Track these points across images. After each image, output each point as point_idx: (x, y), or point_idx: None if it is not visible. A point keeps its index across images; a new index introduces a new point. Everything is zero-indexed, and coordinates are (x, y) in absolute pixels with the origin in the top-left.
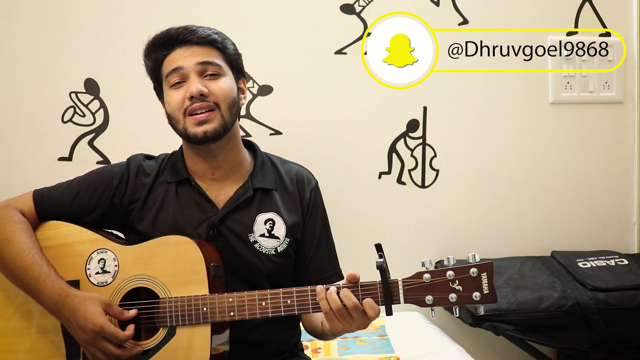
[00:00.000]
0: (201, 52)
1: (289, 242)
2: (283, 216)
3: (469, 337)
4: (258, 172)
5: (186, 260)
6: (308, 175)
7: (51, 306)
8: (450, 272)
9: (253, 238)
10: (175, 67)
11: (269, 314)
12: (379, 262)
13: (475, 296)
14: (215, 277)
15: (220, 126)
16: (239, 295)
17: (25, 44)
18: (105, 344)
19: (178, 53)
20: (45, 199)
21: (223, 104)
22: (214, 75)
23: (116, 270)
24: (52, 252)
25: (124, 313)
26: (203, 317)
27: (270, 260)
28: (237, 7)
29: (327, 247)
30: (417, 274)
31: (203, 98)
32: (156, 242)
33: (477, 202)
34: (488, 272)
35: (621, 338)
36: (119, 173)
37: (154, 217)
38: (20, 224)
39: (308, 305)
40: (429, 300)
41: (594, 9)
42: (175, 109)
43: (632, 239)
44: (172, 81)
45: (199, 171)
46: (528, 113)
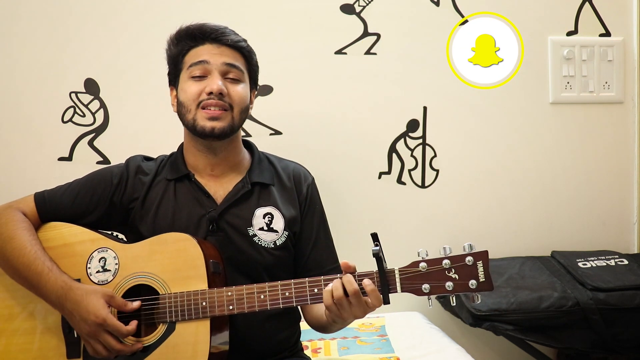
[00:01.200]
0: (229, 54)
1: (288, 235)
2: (281, 210)
3: (469, 337)
4: (256, 168)
5: (186, 256)
6: (305, 172)
7: (54, 299)
8: (446, 261)
9: (252, 232)
10: (201, 59)
11: (267, 306)
12: (375, 250)
13: (472, 284)
14: (215, 274)
15: (229, 127)
16: (238, 289)
17: (25, 44)
18: (107, 337)
19: (207, 48)
20: (47, 200)
21: (237, 107)
22: (234, 79)
23: (116, 269)
24: (53, 252)
25: (127, 304)
26: (202, 312)
27: (270, 253)
28: (237, 7)
29: (325, 242)
30: (413, 263)
31: (220, 97)
32: (156, 239)
33: (477, 202)
34: (483, 260)
35: (621, 338)
36: (118, 173)
37: (153, 215)
38: (22, 222)
39: (306, 296)
40: (425, 288)
41: (594, 9)
42: (190, 99)
43: (632, 239)
44: (194, 72)
45: (198, 166)
46: (528, 113)
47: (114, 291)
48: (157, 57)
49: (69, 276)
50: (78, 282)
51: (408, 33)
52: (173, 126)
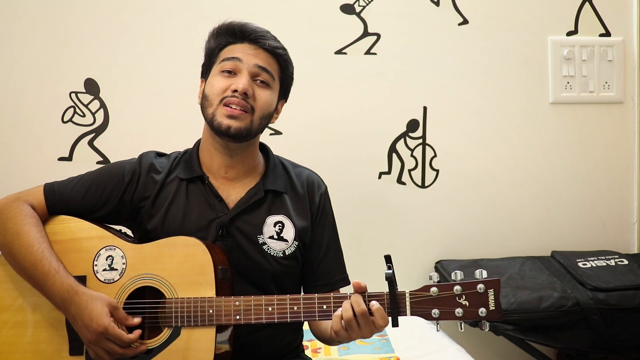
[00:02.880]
0: (264, 58)
1: (297, 245)
2: (293, 220)
3: (469, 337)
4: (270, 174)
5: (194, 261)
6: (318, 180)
7: (59, 302)
8: (457, 287)
9: (262, 239)
10: (234, 56)
11: (274, 319)
12: (388, 273)
13: (482, 312)
14: (223, 280)
15: (246, 129)
16: (246, 299)
17: (25, 44)
18: (109, 344)
19: (244, 46)
20: (56, 193)
21: (258, 112)
22: (264, 83)
23: (124, 268)
24: (60, 246)
25: (128, 319)
26: (209, 319)
27: (278, 262)
28: (237, 7)
29: (335, 253)
30: (424, 287)
31: (245, 97)
32: (165, 242)
33: (477, 202)
34: (495, 289)
35: (621, 338)
36: (131, 170)
37: (163, 215)
38: (30, 217)
39: (314, 313)
40: (435, 313)
41: (594, 9)
42: (215, 93)
43: (632, 239)
44: (224, 67)
45: (213, 167)
46: (528, 113)
47: (119, 291)
48: (157, 57)
49: (74, 279)
50: (84, 287)
51: (408, 33)
52: (173, 126)
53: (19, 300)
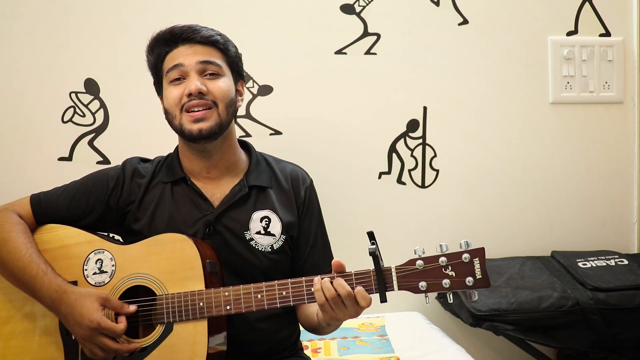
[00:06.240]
0: (203, 52)
1: (285, 239)
2: (279, 214)
3: (469, 337)
4: (253, 170)
5: (182, 257)
6: (303, 173)
7: (49, 303)
8: (442, 258)
9: (249, 235)
10: (176, 63)
11: (264, 306)
12: (371, 248)
13: (469, 281)
14: (212, 274)
15: (216, 125)
16: (235, 289)
17: (25, 44)
18: (103, 339)
19: (180, 50)
20: (43, 202)
21: (221, 103)
22: (213, 74)
23: (113, 270)
24: (49, 254)
25: (123, 307)
26: (200, 312)
27: (267, 257)
28: (237, 7)
29: (322, 245)
30: (410, 260)
31: (201, 96)
32: (152, 240)
33: (477, 202)
34: (480, 257)
35: (621, 338)
36: (115, 176)
37: (150, 218)
38: (17, 225)
39: (303, 295)
40: (422, 286)
41: (594, 9)
42: (172, 105)
43: (632, 239)
44: (172, 77)
45: (194, 170)
46: (528, 113)
47: (110, 293)
48: None
49: (63, 279)
50: (72, 285)
51: (408, 33)
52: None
53: (12, 311)
